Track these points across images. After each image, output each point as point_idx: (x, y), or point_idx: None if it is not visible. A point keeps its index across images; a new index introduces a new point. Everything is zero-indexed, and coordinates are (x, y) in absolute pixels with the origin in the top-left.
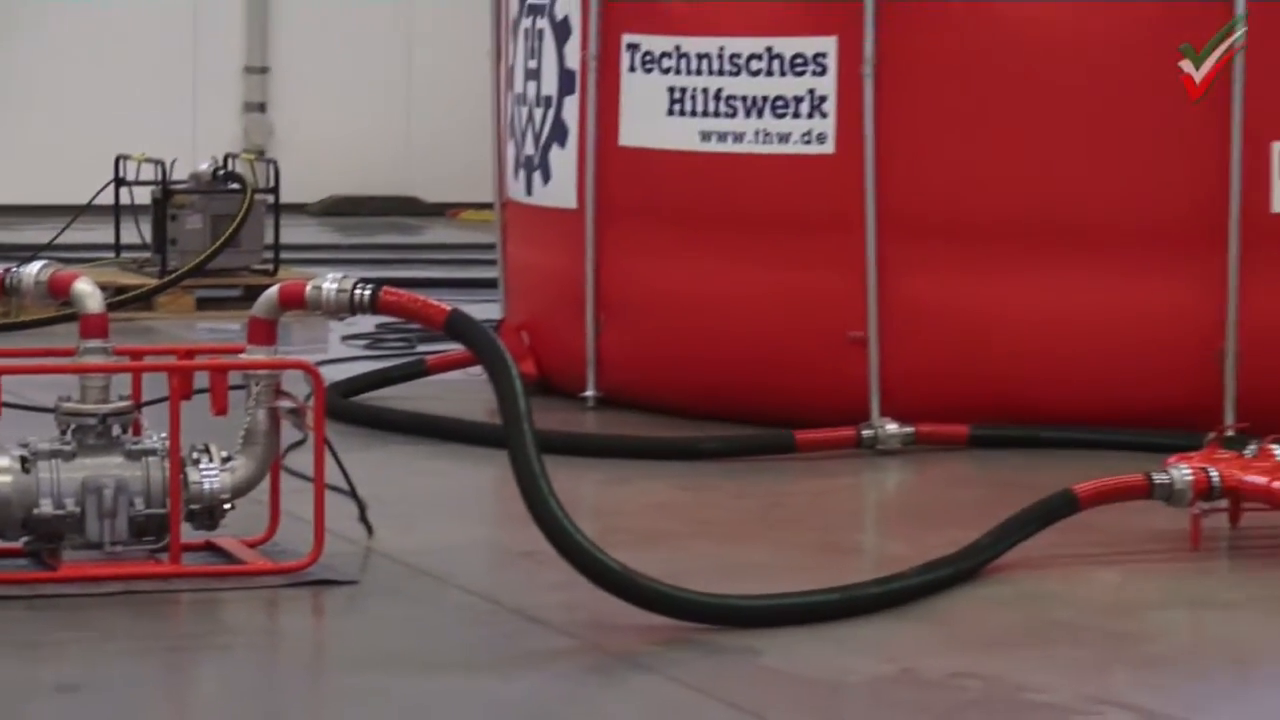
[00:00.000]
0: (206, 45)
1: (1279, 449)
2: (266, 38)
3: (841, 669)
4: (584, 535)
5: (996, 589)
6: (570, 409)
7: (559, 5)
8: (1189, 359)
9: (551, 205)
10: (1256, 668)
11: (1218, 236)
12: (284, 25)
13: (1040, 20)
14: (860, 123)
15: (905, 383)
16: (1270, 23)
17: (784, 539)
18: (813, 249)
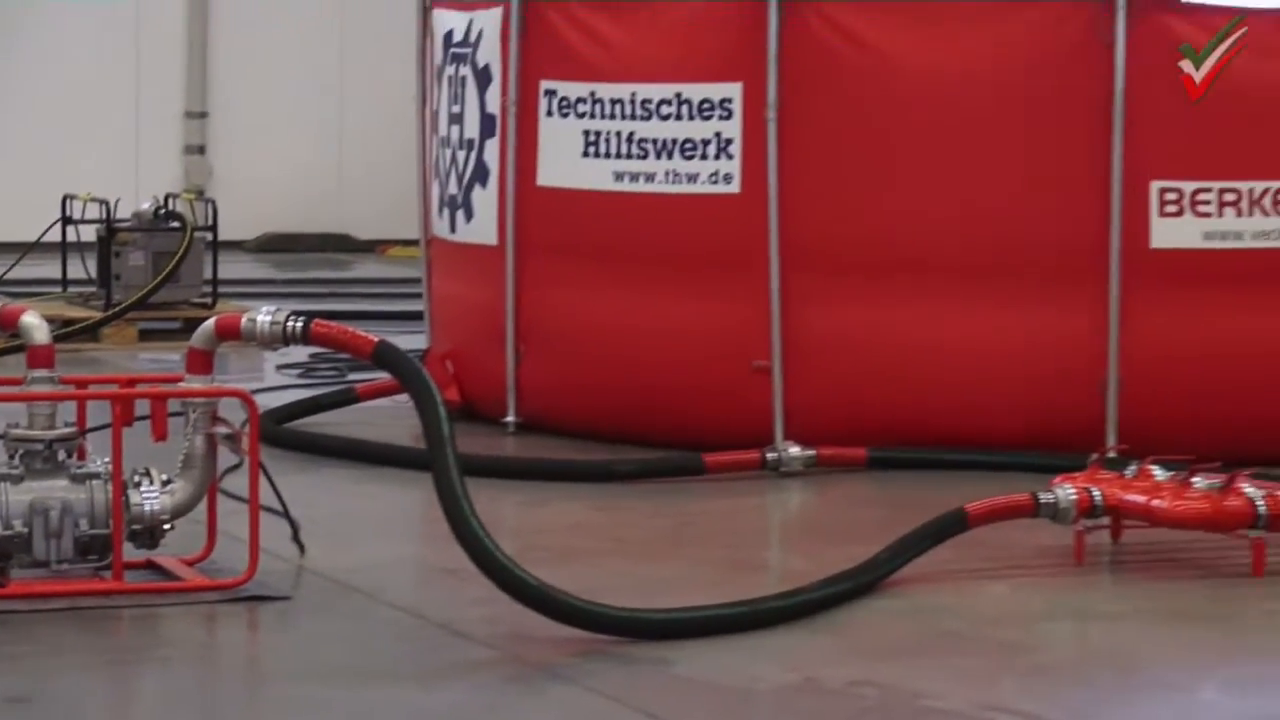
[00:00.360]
0: (148, 91)
1: (1157, 470)
2: (205, 84)
3: (749, 678)
4: (504, 553)
5: (893, 602)
6: (492, 434)
7: (480, 53)
8: (1073, 385)
9: (474, 242)
10: (1138, 675)
11: (1100, 271)
12: (222, 72)
13: (932, 69)
14: (764, 164)
15: (807, 408)
16: (1148, 67)
17: (694, 556)
18: (720, 283)
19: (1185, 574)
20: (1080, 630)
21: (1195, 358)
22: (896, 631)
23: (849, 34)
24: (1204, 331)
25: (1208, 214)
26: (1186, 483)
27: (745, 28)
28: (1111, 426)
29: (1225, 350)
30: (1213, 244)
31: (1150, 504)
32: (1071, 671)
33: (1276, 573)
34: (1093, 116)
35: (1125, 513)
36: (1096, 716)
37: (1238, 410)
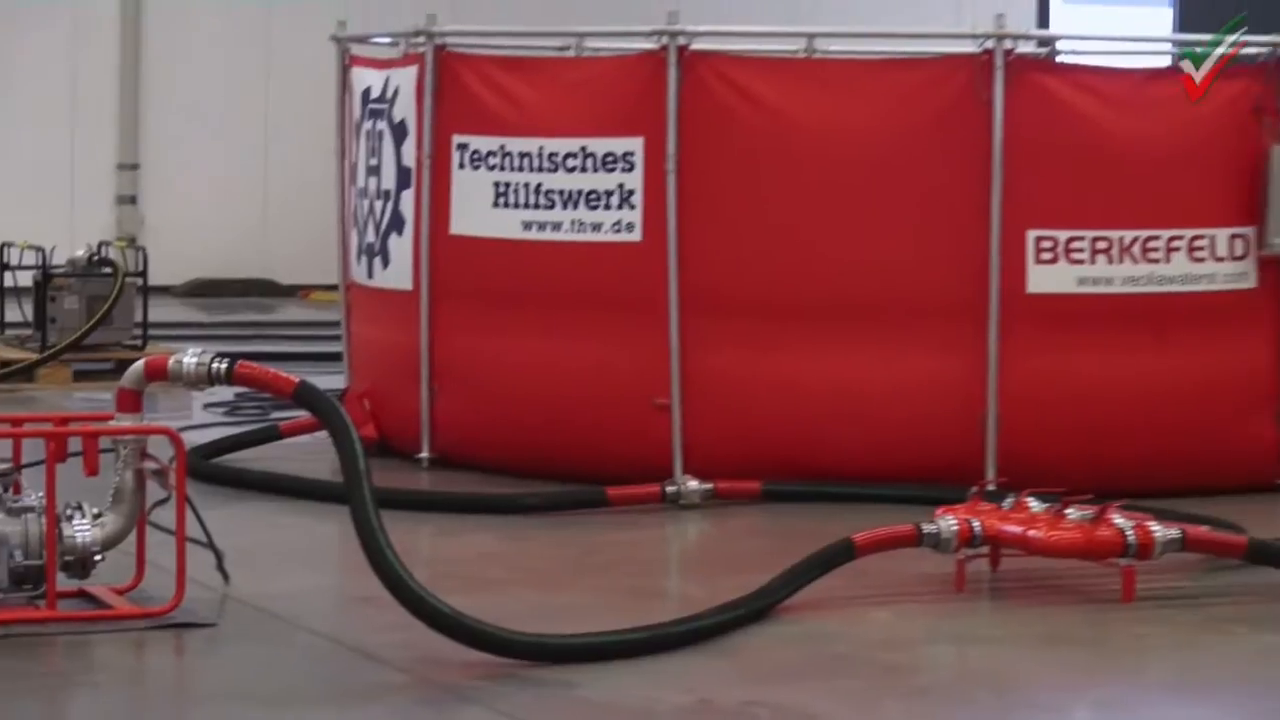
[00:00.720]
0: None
1: (1033, 502)
2: (138, 138)
3: (648, 699)
4: (417, 581)
5: (784, 627)
6: (406, 468)
7: (397, 109)
8: (955, 422)
9: (390, 287)
10: (1014, 695)
11: (980, 314)
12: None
13: (823, 125)
14: (664, 213)
15: (705, 444)
16: (1025, 123)
17: (597, 584)
18: (623, 325)
19: (1059, 600)
20: (960, 653)
21: (1069, 396)
22: (787, 655)
23: (744, 91)
24: (1077, 371)
25: (1081, 260)
26: (1061, 514)
27: (646, 85)
28: (991, 461)
29: (1097, 389)
30: (1085, 289)
31: (1027, 534)
32: (951, 692)
33: (1145, 598)
34: (973, 169)
35: (1003, 542)
36: None
37: (1109, 445)
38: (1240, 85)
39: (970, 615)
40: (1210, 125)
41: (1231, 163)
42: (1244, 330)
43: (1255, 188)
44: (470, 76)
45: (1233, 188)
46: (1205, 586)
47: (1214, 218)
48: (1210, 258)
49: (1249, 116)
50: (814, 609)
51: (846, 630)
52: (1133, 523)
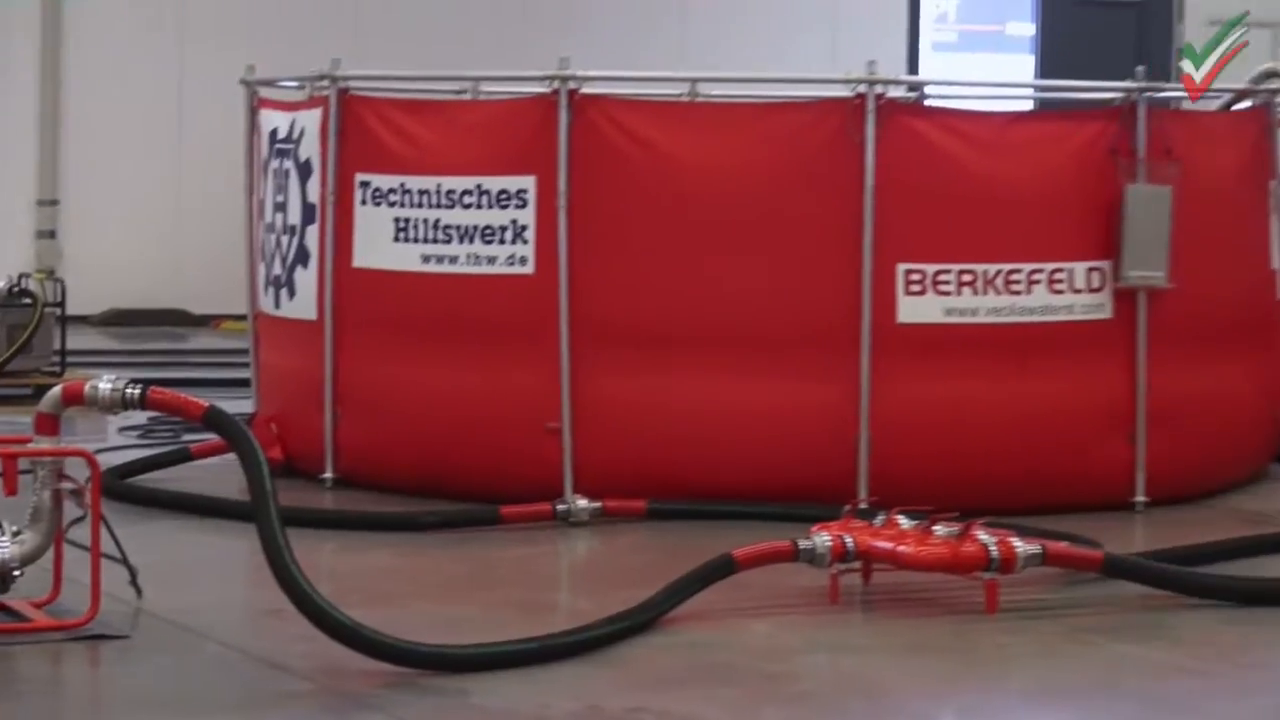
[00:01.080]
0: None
1: (903, 519)
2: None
3: (539, 706)
4: (321, 595)
5: (669, 638)
6: (311, 488)
7: (302, 149)
8: (830, 444)
9: (296, 317)
10: (884, 702)
11: (853, 342)
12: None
13: (705, 164)
14: (555, 248)
15: (594, 465)
16: (895, 163)
17: (491, 598)
18: (516, 353)
19: (927, 611)
20: (834, 662)
21: (936, 420)
22: (672, 664)
23: (631, 132)
24: (944, 396)
25: (948, 292)
26: (928, 531)
27: (538, 126)
28: (863, 481)
29: (963, 413)
30: (952, 319)
31: (896, 550)
32: (826, 699)
33: (1008, 610)
34: (846, 206)
35: (874, 557)
36: None
37: (974, 466)
38: (1097, 128)
39: (843, 626)
40: (1069, 165)
41: (1089, 201)
42: (1101, 358)
43: (1111, 224)
44: (372, 118)
45: (1090, 224)
46: (1064, 599)
47: (1072, 252)
48: (1069, 290)
49: (1105, 157)
50: (697, 620)
51: (727, 640)
52: (996, 539)
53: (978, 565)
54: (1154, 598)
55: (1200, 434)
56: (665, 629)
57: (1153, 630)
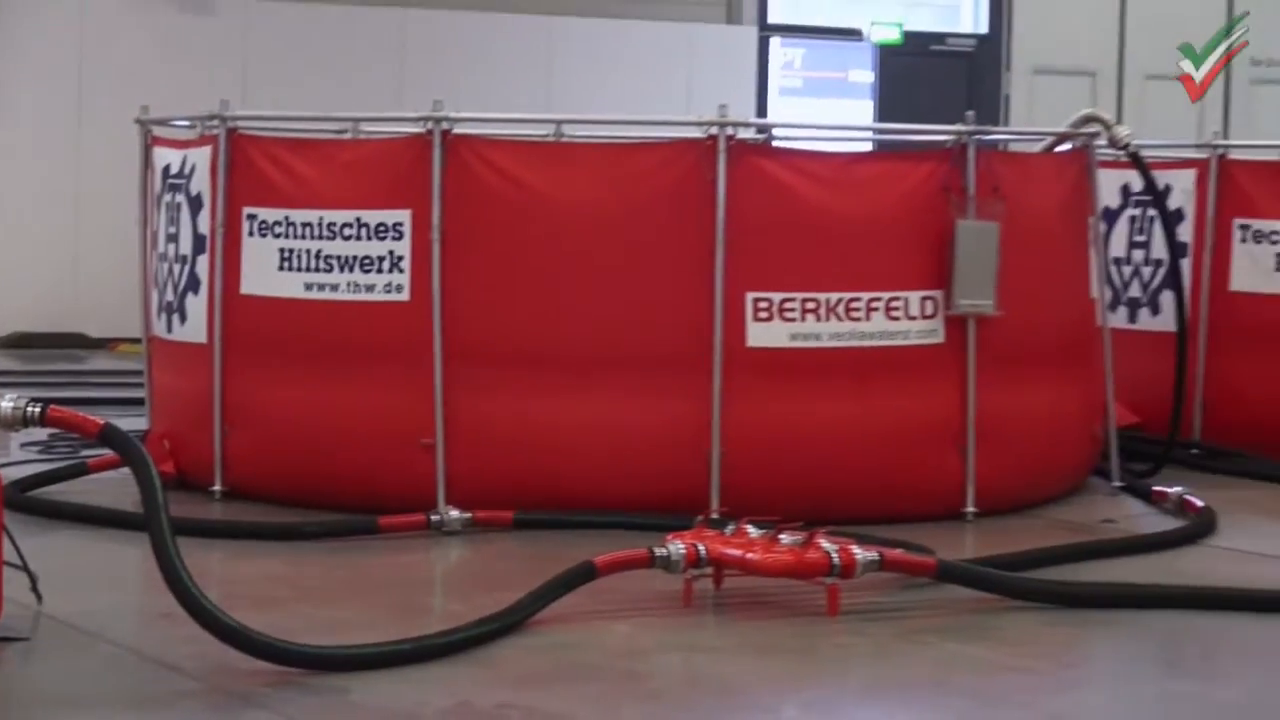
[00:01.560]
0: None
1: (751, 528)
2: None
3: (414, 703)
4: (209, 600)
5: (534, 639)
6: (201, 500)
7: (193, 183)
8: (684, 458)
9: (187, 340)
10: (735, 698)
11: (706, 364)
12: None
13: (569, 199)
14: (429, 277)
15: (465, 478)
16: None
17: (369, 601)
18: (393, 374)
19: (774, 614)
20: (687, 661)
21: (783, 436)
22: (537, 663)
23: (501, 170)
24: (790, 415)
25: (793, 319)
26: (775, 539)
27: (414, 164)
28: (715, 492)
29: (807, 430)
30: (797, 343)
31: (745, 557)
32: (681, 696)
33: (848, 613)
34: (700, 239)
35: (725, 564)
36: None
37: (817, 479)
38: (930, 167)
39: (696, 628)
40: (905, 202)
41: (923, 234)
42: (934, 379)
43: (943, 256)
44: (258, 155)
45: (924, 256)
46: (900, 602)
47: (908, 282)
48: (904, 317)
49: (938, 195)
50: (561, 622)
51: (589, 641)
52: (837, 546)
53: (820, 571)
54: (982, 600)
55: (1025, 449)
56: (531, 630)
57: (981, 631)
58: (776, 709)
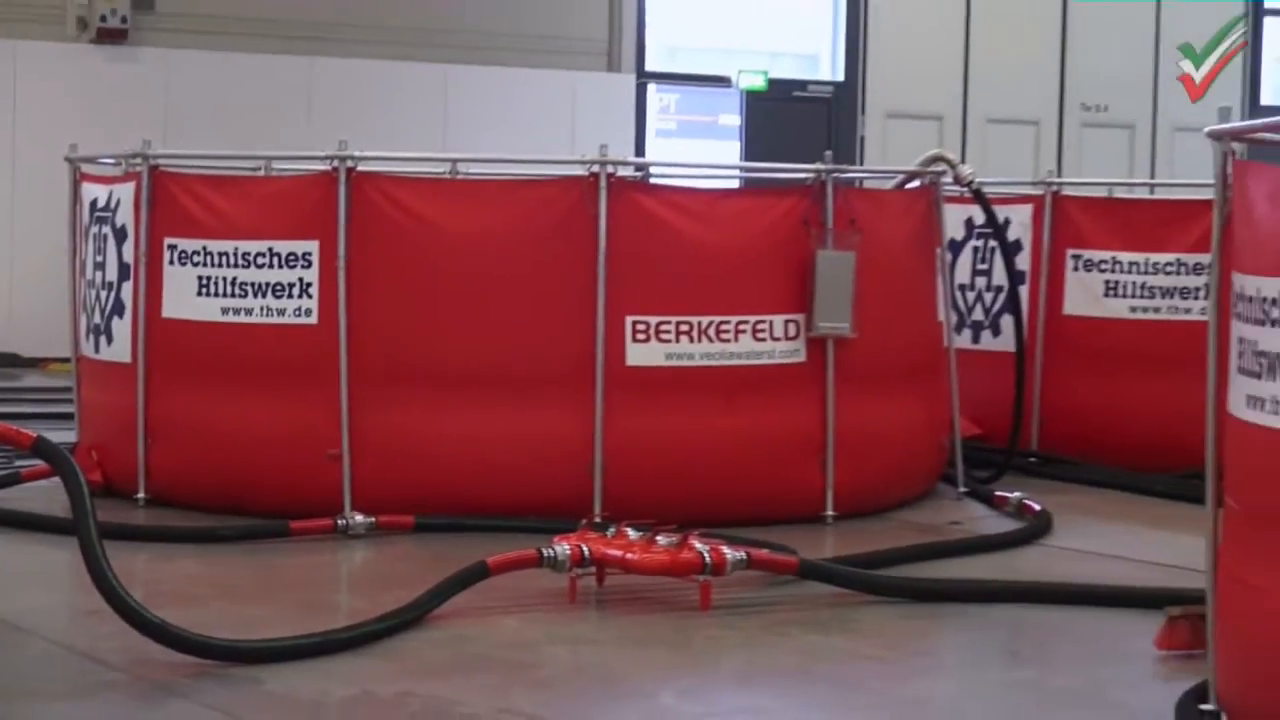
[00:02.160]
0: None
1: (631, 531)
2: None
3: (321, 691)
4: (133, 598)
5: (433, 633)
6: (126, 507)
7: (119, 216)
8: (570, 467)
9: (113, 360)
10: (616, 685)
11: (589, 382)
12: None
13: (465, 230)
14: (336, 302)
15: (369, 486)
16: (622, 231)
17: (280, 599)
18: (303, 391)
19: (651, 609)
20: (573, 652)
21: (659, 447)
22: (435, 655)
23: (400, 204)
24: (666, 427)
25: (668, 340)
26: (652, 541)
27: (321, 198)
28: (598, 498)
29: (682, 441)
30: (672, 362)
31: (625, 557)
32: (567, 683)
33: (719, 607)
34: (583, 267)
35: (606, 563)
36: (585, 715)
37: (691, 486)
38: (792, 202)
39: (581, 622)
40: (769, 233)
41: (786, 263)
42: (796, 395)
43: (804, 283)
44: (178, 190)
45: (787, 283)
46: (766, 597)
47: (772, 307)
48: (770, 338)
49: (799, 227)
50: (457, 617)
51: (483, 634)
52: (709, 547)
53: (694, 570)
54: (841, 596)
55: (879, 459)
56: (430, 625)
57: (840, 623)
58: (655, 695)
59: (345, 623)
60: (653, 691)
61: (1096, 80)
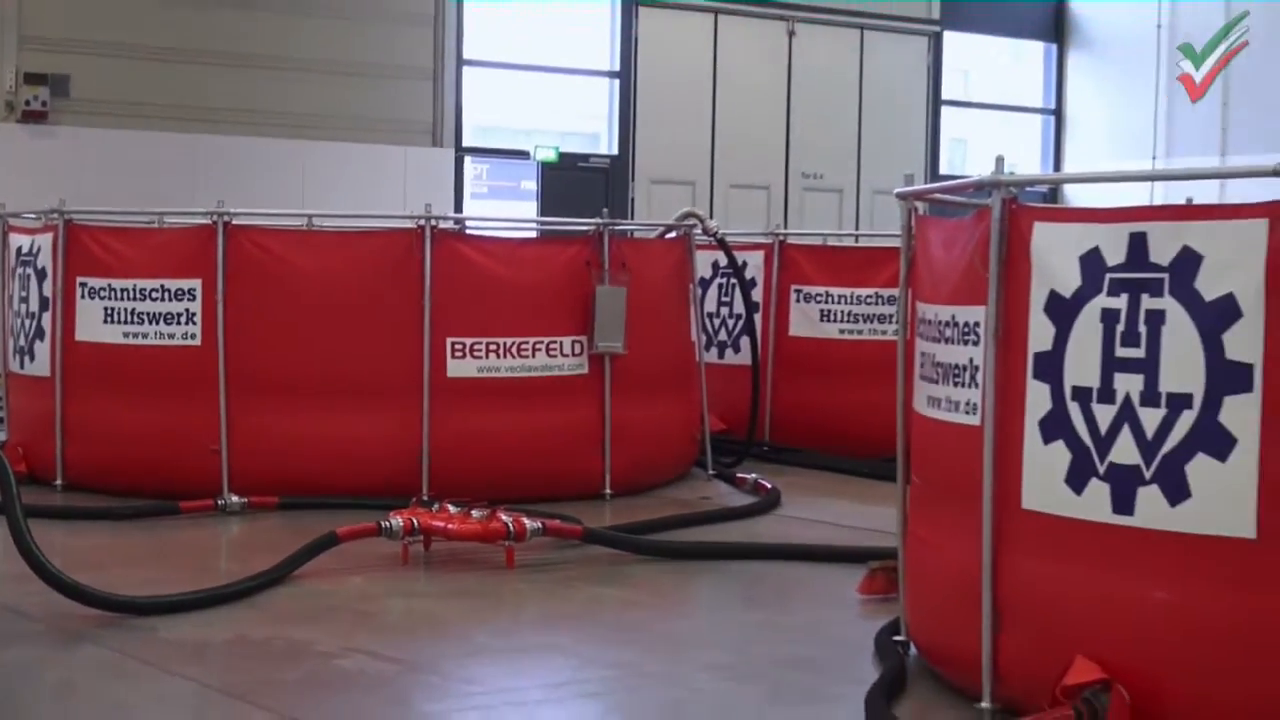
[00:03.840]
0: None
1: (451, 506)
2: None
3: (204, 636)
4: (52, 564)
5: (294, 589)
6: (47, 492)
7: (40, 260)
8: (403, 457)
9: (36, 374)
10: (443, 628)
11: (418, 389)
12: None
13: (319, 271)
14: (215, 328)
15: (244, 473)
16: (443, 271)
17: (172, 564)
18: (190, 398)
19: (468, 568)
20: (407, 604)
21: (473, 440)
22: (297, 606)
23: (267, 250)
24: (478, 425)
25: (480, 357)
26: (468, 514)
27: (203, 246)
28: (425, 481)
29: (491, 435)
30: (484, 374)
31: (446, 527)
32: (403, 627)
33: (521, 566)
34: (413, 299)
35: (432, 532)
36: (416, 651)
37: (497, 471)
38: (577, 248)
39: (412, 579)
40: (559, 273)
41: (572, 297)
42: (581, 399)
43: (586, 312)
44: (88, 239)
45: (573, 312)
46: (558, 558)
47: (562, 330)
48: (560, 355)
49: (583, 268)
50: (313, 576)
51: (334, 590)
52: (512, 518)
53: (500, 536)
54: (617, 556)
55: (645, 448)
56: (291, 582)
57: (616, 578)
58: (471, 635)
59: (224, 582)
60: (471, 633)
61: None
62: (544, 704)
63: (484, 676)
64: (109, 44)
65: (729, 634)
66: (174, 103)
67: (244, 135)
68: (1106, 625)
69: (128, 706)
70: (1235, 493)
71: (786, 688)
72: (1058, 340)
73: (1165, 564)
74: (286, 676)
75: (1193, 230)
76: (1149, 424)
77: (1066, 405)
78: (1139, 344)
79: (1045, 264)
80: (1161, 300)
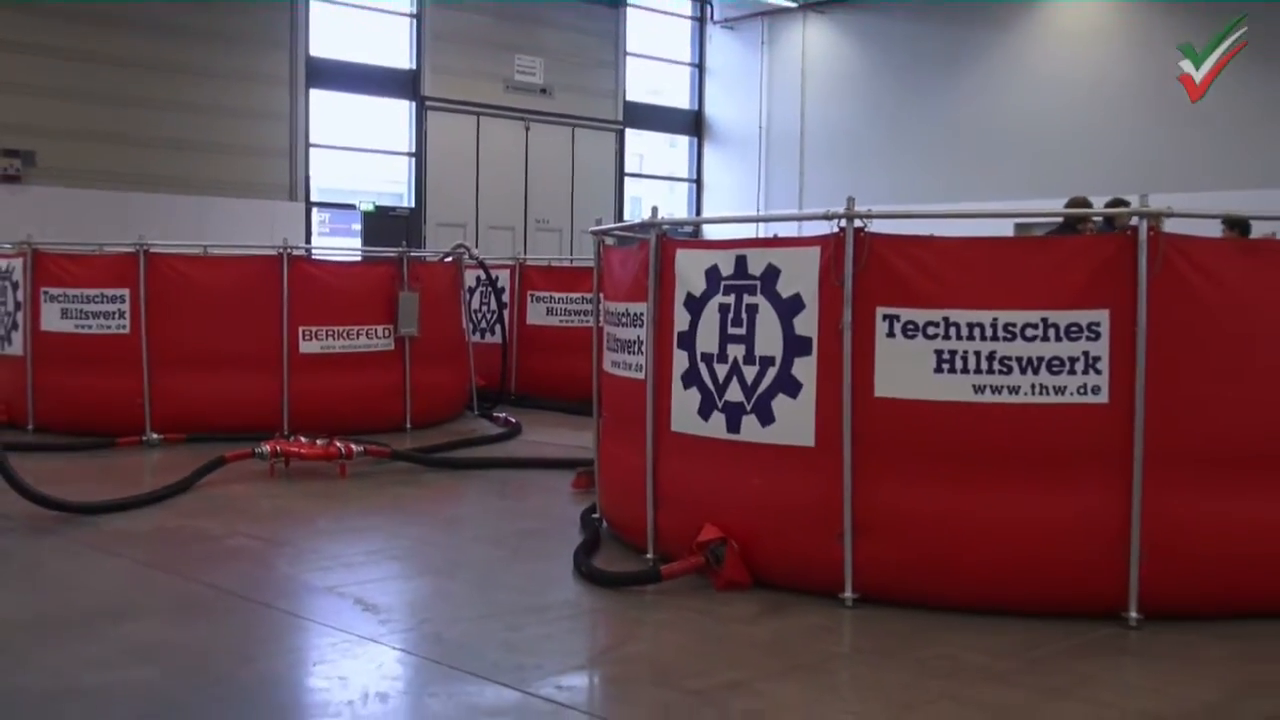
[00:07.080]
0: None
1: (304, 437)
2: None
3: (132, 527)
4: (26, 481)
5: (197, 495)
6: (22, 433)
7: (14, 275)
8: (268, 407)
9: (13, 354)
10: (299, 515)
11: (278, 361)
12: None
13: (212, 283)
14: (140, 321)
15: (164, 419)
16: (296, 280)
17: (109, 481)
18: (124, 369)
19: (315, 478)
20: (274, 502)
21: (317, 394)
22: (199, 505)
23: (175, 269)
24: (322, 384)
25: (323, 339)
26: (314, 442)
27: (130, 266)
28: (285, 421)
29: (331, 391)
30: (325, 350)
31: (299, 451)
32: (271, 517)
33: (352, 476)
34: (276, 300)
35: (290, 455)
36: (276, 531)
37: (334, 414)
38: (387, 268)
39: (278, 486)
40: (376, 283)
41: (384, 298)
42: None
43: (393, 308)
44: (49, 262)
45: (384, 308)
46: (375, 470)
47: (376, 320)
48: (376, 338)
49: (392, 280)
50: (211, 486)
51: (224, 495)
52: (344, 444)
53: (336, 456)
54: (414, 469)
55: (435, 397)
56: (196, 491)
57: (414, 481)
58: (316, 521)
59: (147, 489)
60: (317, 519)
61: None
62: (365, 565)
63: (324, 547)
64: (64, 129)
65: (487, 516)
66: (113, 171)
67: (163, 194)
68: (724, 503)
69: (81, 577)
70: (802, 419)
71: (524, 549)
72: (691, 324)
73: (760, 464)
74: (192, 553)
75: (775, 254)
76: (749, 376)
77: (698, 365)
78: (742, 325)
79: (684, 276)
80: (755, 298)
